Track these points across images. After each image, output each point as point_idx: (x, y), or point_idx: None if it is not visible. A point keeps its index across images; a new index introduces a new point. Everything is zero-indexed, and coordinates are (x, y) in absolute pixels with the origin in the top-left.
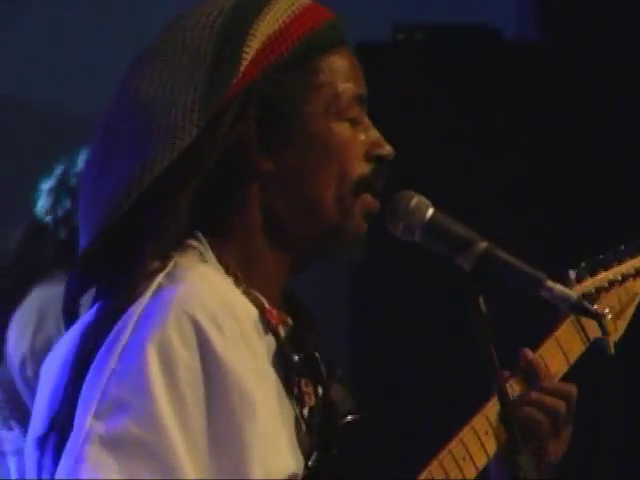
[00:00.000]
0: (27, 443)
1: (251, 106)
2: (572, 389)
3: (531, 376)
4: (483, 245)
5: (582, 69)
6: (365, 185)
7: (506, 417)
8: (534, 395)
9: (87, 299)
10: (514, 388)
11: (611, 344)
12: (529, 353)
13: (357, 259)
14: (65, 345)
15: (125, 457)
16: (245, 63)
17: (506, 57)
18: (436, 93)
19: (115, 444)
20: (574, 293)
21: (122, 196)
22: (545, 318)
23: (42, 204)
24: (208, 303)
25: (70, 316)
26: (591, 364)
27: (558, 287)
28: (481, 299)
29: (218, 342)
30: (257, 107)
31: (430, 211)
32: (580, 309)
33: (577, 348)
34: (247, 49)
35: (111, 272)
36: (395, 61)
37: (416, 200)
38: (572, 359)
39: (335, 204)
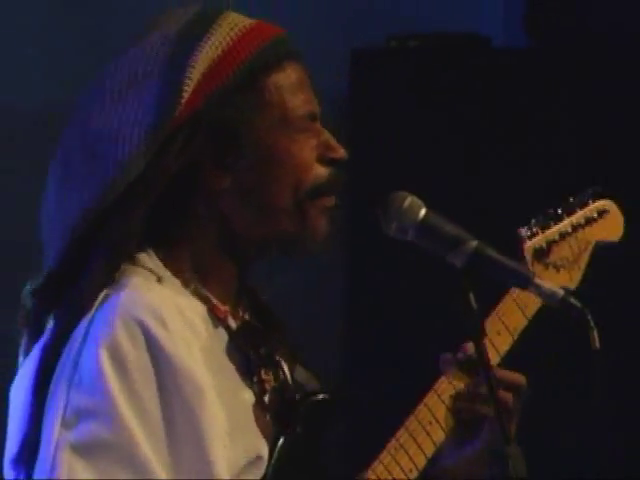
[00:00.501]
0: (5, 468)
1: (199, 132)
2: (520, 379)
3: (474, 369)
4: (474, 243)
5: (569, 74)
6: (321, 189)
7: (496, 411)
8: (481, 389)
9: None
10: (455, 383)
11: (594, 336)
12: (471, 347)
13: (320, 253)
14: (28, 368)
15: (95, 460)
16: (186, 95)
17: (495, 63)
18: (427, 98)
19: (85, 449)
20: (561, 290)
21: (77, 224)
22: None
23: None
24: (152, 303)
25: (34, 337)
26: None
27: (546, 284)
28: (471, 295)
29: (165, 340)
30: (206, 131)
31: (422, 211)
32: (566, 305)
33: (520, 323)
34: (188, 80)
35: (66, 292)
36: (388, 67)
37: (409, 201)
38: (516, 335)
39: (291, 211)
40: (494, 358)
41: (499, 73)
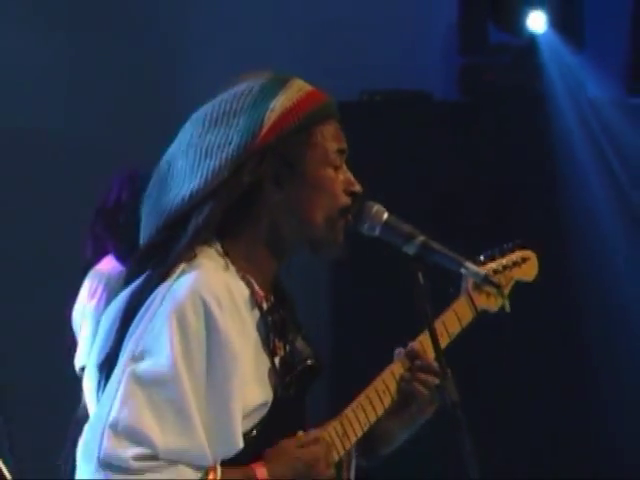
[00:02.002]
0: (88, 367)
1: (267, 158)
2: (442, 368)
3: (413, 360)
4: (422, 238)
5: (489, 122)
6: (344, 212)
7: (438, 357)
8: (418, 374)
9: None
10: (396, 371)
11: (506, 304)
12: (415, 344)
13: (339, 256)
14: (118, 302)
15: (149, 391)
16: (264, 131)
17: (436, 113)
18: (389, 140)
19: (143, 380)
20: (483, 270)
21: (175, 211)
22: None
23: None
24: (213, 286)
25: (126, 284)
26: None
27: (473, 266)
28: (420, 275)
29: (218, 316)
30: (272, 158)
31: (385, 215)
32: (487, 281)
33: (468, 316)
34: (266, 120)
35: (156, 258)
36: (361, 116)
37: (376, 208)
38: (464, 324)
39: (322, 225)
40: (455, 329)
41: (437, 120)
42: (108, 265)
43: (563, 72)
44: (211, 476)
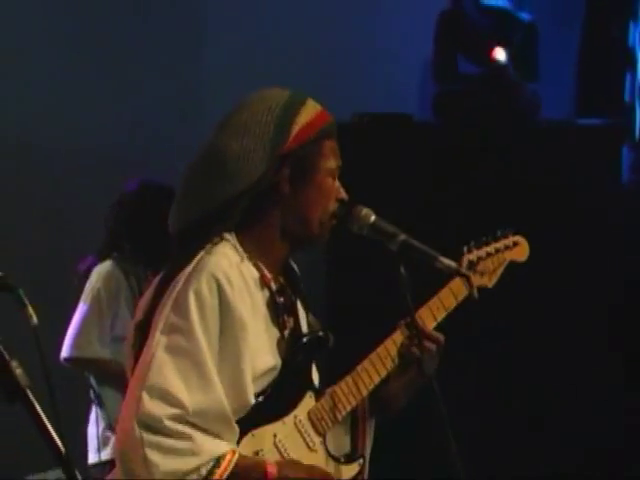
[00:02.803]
0: (129, 327)
1: (287, 162)
2: (441, 337)
3: (414, 329)
4: (403, 237)
5: (456, 140)
6: (333, 214)
7: (416, 337)
8: (416, 340)
9: None
10: (397, 339)
11: (475, 294)
12: (419, 313)
13: (321, 247)
14: (157, 279)
15: (178, 359)
16: (289, 140)
17: (415, 133)
18: (375, 156)
19: (172, 350)
20: (454, 264)
21: (206, 206)
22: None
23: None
24: (225, 269)
25: (165, 265)
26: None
27: (446, 260)
28: (401, 267)
29: (230, 293)
30: (291, 162)
31: (373, 217)
32: (457, 272)
33: (450, 303)
34: (292, 132)
35: (182, 245)
36: (351, 136)
37: (365, 211)
38: (448, 308)
39: (318, 223)
40: (432, 323)
41: (418, 140)
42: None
43: (521, 97)
44: (227, 457)
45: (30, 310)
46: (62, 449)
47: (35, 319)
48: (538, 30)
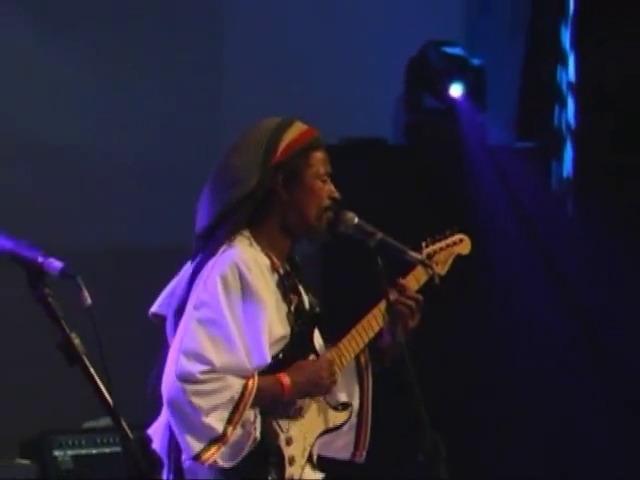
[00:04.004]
0: (169, 312)
1: (279, 172)
2: (419, 296)
3: (400, 290)
4: (380, 235)
5: (422, 159)
6: (327, 209)
7: (391, 310)
8: (401, 299)
9: None
10: (392, 297)
11: (436, 278)
12: (401, 281)
13: (322, 241)
14: (189, 270)
15: (208, 329)
16: (277, 154)
17: (389, 154)
18: (356, 172)
19: (203, 322)
20: (421, 256)
21: (222, 210)
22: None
23: None
24: (245, 258)
25: (193, 258)
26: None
27: (414, 253)
28: (379, 259)
29: (249, 276)
30: (283, 172)
31: (356, 219)
32: (423, 263)
33: (414, 284)
34: (280, 148)
35: (209, 241)
36: (339, 157)
37: (349, 214)
38: (421, 282)
39: (315, 217)
40: (415, 286)
41: (390, 159)
42: None
43: (473, 125)
44: (251, 381)
45: (85, 293)
46: (110, 402)
47: (89, 300)
48: (486, 72)
